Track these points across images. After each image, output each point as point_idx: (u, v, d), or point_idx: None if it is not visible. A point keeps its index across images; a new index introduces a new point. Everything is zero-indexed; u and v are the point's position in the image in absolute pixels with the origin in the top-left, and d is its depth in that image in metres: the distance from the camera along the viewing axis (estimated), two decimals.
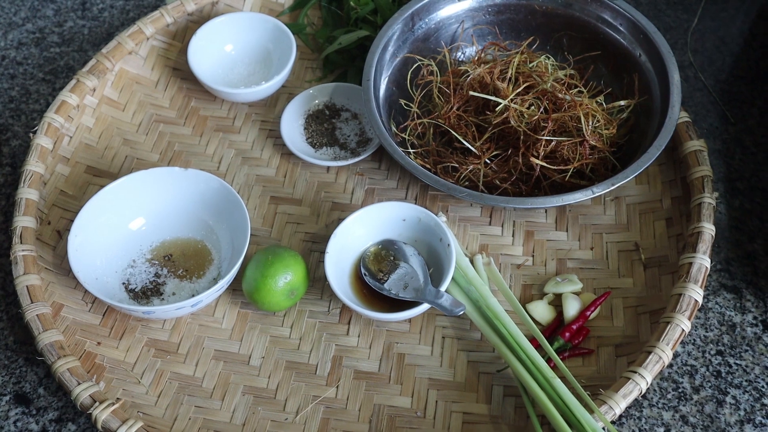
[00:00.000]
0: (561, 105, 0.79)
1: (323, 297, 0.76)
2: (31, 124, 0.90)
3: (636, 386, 0.66)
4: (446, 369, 0.72)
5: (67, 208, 0.81)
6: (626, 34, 0.85)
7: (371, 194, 0.83)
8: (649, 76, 0.83)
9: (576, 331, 0.72)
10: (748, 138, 0.87)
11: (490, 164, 0.80)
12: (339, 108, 0.89)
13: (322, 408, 0.70)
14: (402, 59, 0.86)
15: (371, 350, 0.73)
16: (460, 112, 0.82)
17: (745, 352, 0.73)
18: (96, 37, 0.99)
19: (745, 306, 0.76)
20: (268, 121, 0.89)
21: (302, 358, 0.73)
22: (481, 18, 0.90)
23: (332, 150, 0.86)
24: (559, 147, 0.77)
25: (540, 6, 0.88)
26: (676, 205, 0.80)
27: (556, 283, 0.75)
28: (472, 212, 0.81)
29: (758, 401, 0.70)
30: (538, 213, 0.81)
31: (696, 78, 0.93)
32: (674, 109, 0.77)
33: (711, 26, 0.98)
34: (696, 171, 0.78)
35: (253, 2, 0.97)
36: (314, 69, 0.93)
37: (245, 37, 0.92)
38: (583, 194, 0.73)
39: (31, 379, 0.72)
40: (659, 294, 0.74)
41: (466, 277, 0.73)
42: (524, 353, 0.68)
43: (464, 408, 0.69)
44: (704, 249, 0.73)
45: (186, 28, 0.94)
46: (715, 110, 0.90)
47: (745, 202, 0.82)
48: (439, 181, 0.75)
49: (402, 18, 0.85)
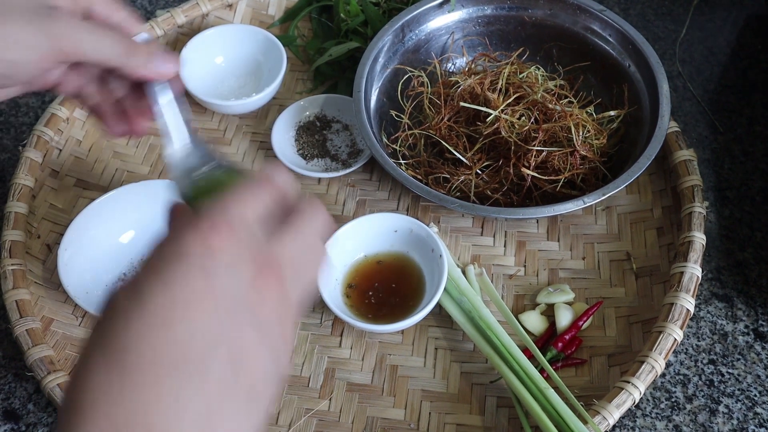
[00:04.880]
0: (551, 115, 0.79)
1: (315, 309, 0.76)
2: (21, 137, 0.90)
3: (629, 396, 0.66)
4: (439, 380, 0.71)
5: (56, 221, 0.81)
6: (615, 44, 0.85)
7: (363, 205, 0.83)
8: (638, 87, 0.83)
9: (569, 341, 0.72)
10: (737, 147, 0.88)
11: (481, 175, 0.80)
12: (330, 119, 0.89)
13: (315, 421, 0.69)
14: (392, 70, 0.87)
15: (364, 362, 0.73)
16: (451, 122, 0.82)
17: (737, 361, 0.73)
18: None
19: (737, 315, 0.76)
20: (259, 133, 0.89)
21: (294, 370, 0.72)
22: (471, 29, 0.90)
23: (323, 161, 0.86)
24: (550, 157, 0.78)
25: (529, 17, 0.89)
26: (667, 214, 0.80)
27: (548, 294, 0.75)
28: (463, 223, 0.81)
29: (750, 410, 0.70)
30: (529, 223, 0.81)
31: (685, 88, 0.93)
32: (664, 118, 0.78)
33: (699, 36, 0.98)
34: (686, 180, 0.79)
35: (244, 14, 0.97)
36: (305, 81, 0.93)
37: (236, 49, 0.92)
38: (574, 204, 0.73)
39: (21, 395, 0.72)
40: (651, 303, 0.75)
41: (458, 288, 0.73)
42: (517, 364, 0.68)
43: (458, 419, 0.69)
44: (695, 258, 0.73)
45: (176, 41, 0.94)
46: (703, 120, 0.91)
47: (735, 211, 0.83)
48: (431, 192, 0.75)
49: (392, 29, 0.85)
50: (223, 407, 0.36)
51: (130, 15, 0.59)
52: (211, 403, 0.35)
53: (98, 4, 0.58)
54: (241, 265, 0.38)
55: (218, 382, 0.35)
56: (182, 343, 0.35)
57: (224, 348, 0.36)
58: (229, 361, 0.36)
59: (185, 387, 0.35)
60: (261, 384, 0.38)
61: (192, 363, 0.35)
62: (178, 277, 0.36)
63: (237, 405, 0.36)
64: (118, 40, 0.55)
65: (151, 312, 0.35)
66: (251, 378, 0.37)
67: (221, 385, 0.36)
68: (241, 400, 0.37)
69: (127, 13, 0.59)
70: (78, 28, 0.54)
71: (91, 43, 0.54)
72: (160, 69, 0.57)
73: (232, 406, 0.36)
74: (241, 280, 0.38)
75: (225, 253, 0.37)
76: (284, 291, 0.40)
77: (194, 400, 0.35)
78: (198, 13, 0.94)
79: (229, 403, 0.36)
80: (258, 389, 0.37)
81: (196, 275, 0.36)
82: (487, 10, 0.89)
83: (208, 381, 0.35)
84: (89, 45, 0.54)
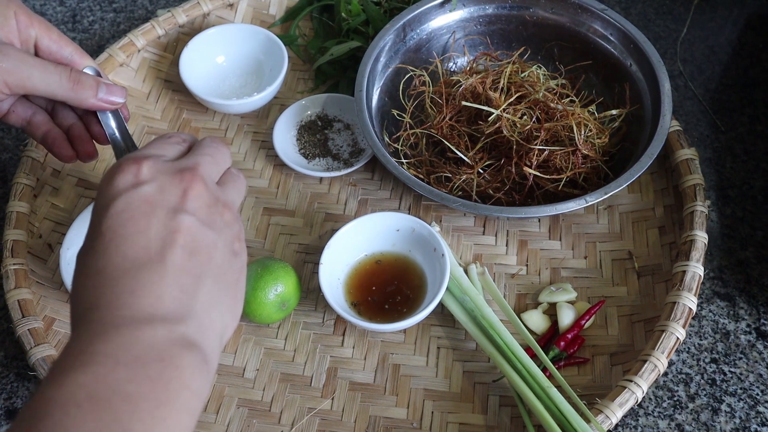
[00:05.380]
0: (553, 114, 0.79)
1: (317, 308, 0.76)
2: (22, 137, 0.90)
3: (632, 395, 0.66)
4: (441, 379, 0.71)
5: (58, 221, 0.81)
6: (617, 43, 0.85)
7: (364, 205, 0.83)
8: (639, 86, 0.83)
9: (571, 341, 0.72)
10: (739, 146, 0.88)
11: (483, 174, 0.80)
12: (331, 119, 0.89)
13: (317, 420, 0.69)
14: (394, 70, 0.87)
15: (366, 361, 0.73)
16: (453, 122, 0.82)
17: (739, 360, 0.73)
18: (87, 49, 0.98)
19: (739, 314, 0.76)
20: (260, 132, 0.89)
21: (297, 370, 0.72)
22: (473, 28, 0.90)
23: (325, 161, 0.86)
24: (552, 156, 0.78)
25: (531, 16, 0.89)
26: (669, 213, 0.80)
27: (550, 293, 0.75)
28: (465, 222, 0.81)
29: (753, 409, 0.70)
30: (531, 222, 0.81)
31: (686, 87, 0.93)
32: (665, 117, 0.78)
33: (700, 35, 0.98)
34: (688, 179, 0.79)
35: (245, 14, 0.97)
36: (306, 80, 0.93)
37: (237, 48, 0.92)
38: (576, 203, 0.73)
39: (23, 395, 0.72)
40: (653, 302, 0.75)
41: (460, 287, 0.73)
42: (520, 363, 0.68)
43: (460, 419, 0.69)
44: (697, 257, 0.73)
45: (177, 40, 0.94)
46: (705, 119, 0.91)
47: (737, 210, 0.83)
48: (433, 191, 0.75)
49: (394, 29, 0.85)
50: (194, 285, 0.44)
51: (77, 49, 0.66)
52: (182, 284, 0.43)
53: (47, 40, 0.65)
54: (162, 176, 0.46)
55: (181, 268, 0.44)
56: (140, 248, 0.43)
57: (174, 239, 0.44)
58: (182, 248, 0.44)
59: (155, 278, 0.43)
60: (220, 258, 0.46)
61: (153, 260, 0.43)
62: (118, 203, 0.44)
63: (205, 281, 0.45)
64: (66, 75, 0.61)
65: (108, 238, 0.44)
66: (208, 256, 0.45)
67: (183, 268, 0.44)
68: (207, 276, 0.45)
69: (75, 47, 0.66)
70: (26, 63, 0.60)
71: (39, 77, 0.60)
72: (109, 99, 0.63)
73: (201, 282, 0.44)
74: (167, 185, 0.46)
75: (145, 172, 0.46)
76: (207, 182, 0.47)
77: (168, 284, 0.43)
78: (199, 12, 0.94)
79: (197, 279, 0.44)
80: (218, 263, 0.46)
81: (130, 195, 0.45)
82: (489, 9, 0.89)
83: (172, 268, 0.43)
84: (37, 80, 0.60)
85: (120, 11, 1.02)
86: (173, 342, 0.41)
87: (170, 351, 0.41)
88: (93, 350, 0.40)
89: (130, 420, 0.38)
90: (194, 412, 0.41)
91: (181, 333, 0.42)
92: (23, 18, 0.64)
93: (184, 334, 0.42)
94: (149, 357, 0.40)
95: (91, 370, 0.39)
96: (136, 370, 0.39)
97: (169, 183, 0.46)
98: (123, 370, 0.39)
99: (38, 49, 0.65)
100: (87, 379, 0.38)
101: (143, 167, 0.46)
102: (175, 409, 0.39)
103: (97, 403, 0.38)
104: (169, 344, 0.41)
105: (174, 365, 0.40)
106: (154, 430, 0.38)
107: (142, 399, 0.38)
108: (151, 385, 0.39)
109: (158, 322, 0.41)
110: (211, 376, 0.43)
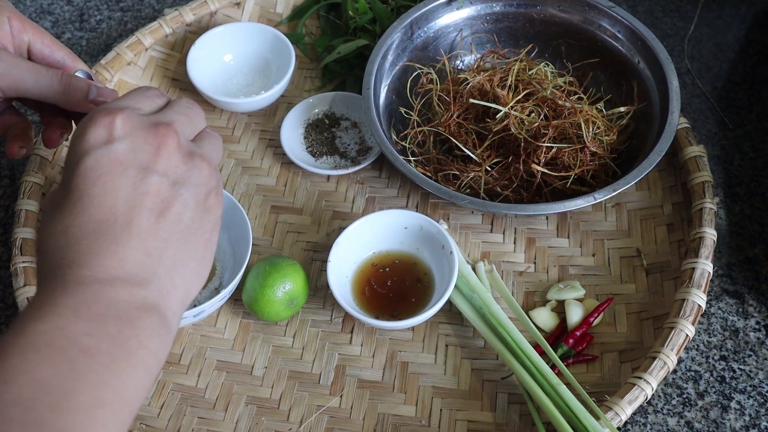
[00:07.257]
0: (561, 112, 0.79)
1: (325, 306, 0.76)
2: None
3: (641, 392, 0.66)
4: (450, 377, 0.71)
5: None
6: (624, 41, 0.85)
7: (372, 202, 0.83)
8: (647, 83, 0.83)
9: (580, 338, 0.72)
10: (747, 143, 0.88)
11: (490, 171, 0.80)
12: (339, 117, 0.89)
13: (326, 417, 0.69)
14: (401, 68, 0.87)
15: (374, 359, 0.73)
16: (460, 119, 0.82)
17: (748, 357, 0.73)
18: (94, 48, 0.99)
19: (748, 311, 0.76)
20: (267, 131, 0.89)
21: (305, 367, 0.72)
22: (480, 26, 0.90)
23: (332, 159, 0.86)
24: (560, 154, 0.78)
25: (538, 14, 0.89)
26: (677, 210, 0.80)
27: (558, 290, 0.75)
28: (473, 220, 0.81)
29: (763, 406, 0.70)
30: (539, 220, 0.81)
31: (693, 84, 0.93)
32: (674, 115, 0.78)
33: (707, 33, 0.98)
34: (696, 176, 0.79)
35: (252, 12, 0.97)
36: (313, 78, 0.93)
37: (244, 47, 0.92)
38: (584, 201, 0.73)
39: None
40: (662, 300, 0.74)
41: (468, 285, 0.73)
42: (528, 360, 0.68)
43: (469, 416, 0.69)
44: (706, 254, 0.73)
45: (185, 39, 0.94)
46: (713, 116, 0.90)
47: (745, 208, 0.83)
48: (441, 189, 0.75)
49: (401, 27, 0.85)
50: (160, 249, 0.44)
51: (69, 53, 0.67)
52: (147, 248, 0.43)
53: (39, 44, 0.66)
54: (136, 131, 0.45)
55: (147, 231, 0.44)
56: (107, 210, 0.43)
57: (142, 202, 0.44)
58: (150, 210, 0.44)
59: (120, 241, 0.43)
60: (189, 218, 0.46)
61: (119, 222, 0.43)
62: (88, 160, 0.44)
63: (172, 243, 0.45)
64: (57, 78, 0.62)
65: (75, 196, 0.43)
66: (177, 218, 0.45)
67: (150, 231, 0.44)
68: (175, 239, 0.45)
69: (67, 51, 0.67)
70: (19, 67, 0.61)
71: (32, 80, 0.61)
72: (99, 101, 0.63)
73: (167, 245, 0.44)
74: (140, 141, 0.45)
75: (118, 127, 0.45)
76: (181, 138, 0.47)
77: (133, 247, 0.43)
78: (206, 11, 0.94)
79: (163, 242, 0.44)
80: (188, 224, 0.46)
81: (101, 152, 0.44)
82: (496, 7, 0.89)
83: (138, 231, 0.43)
84: (30, 83, 0.61)
85: (127, 10, 1.02)
86: (133, 305, 0.42)
87: (130, 313, 0.42)
88: (55, 302, 0.41)
89: (86, 370, 0.39)
90: (151, 369, 0.42)
91: (142, 297, 0.43)
92: (16, 23, 0.65)
93: (146, 298, 0.43)
94: (109, 315, 0.41)
95: (52, 320, 0.40)
96: (96, 325, 0.40)
97: (142, 139, 0.45)
98: (83, 324, 0.40)
99: (31, 53, 0.66)
100: (47, 327, 0.40)
101: (117, 121, 0.45)
102: (131, 365, 0.41)
103: (56, 351, 0.39)
104: (129, 306, 0.42)
105: (133, 326, 0.41)
106: (109, 381, 0.40)
107: (99, 352, 0.40)
108: (109, 341, 0.40)
109: (120, 284, 0.42)
110: (171, 337, 0.44)
